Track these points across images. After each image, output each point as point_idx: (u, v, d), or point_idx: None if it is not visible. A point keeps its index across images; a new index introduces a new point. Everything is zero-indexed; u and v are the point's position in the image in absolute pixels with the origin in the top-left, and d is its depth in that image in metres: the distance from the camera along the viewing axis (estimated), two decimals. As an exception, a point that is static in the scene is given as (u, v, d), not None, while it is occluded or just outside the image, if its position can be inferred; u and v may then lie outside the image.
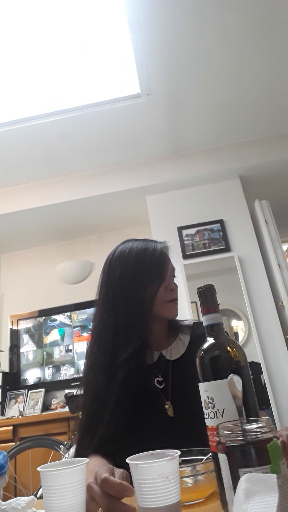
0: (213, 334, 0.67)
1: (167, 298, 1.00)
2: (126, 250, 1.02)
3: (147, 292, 0.96)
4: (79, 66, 2.17)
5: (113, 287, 0.98)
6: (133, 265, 0.98)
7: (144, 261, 0.98)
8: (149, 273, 0.97)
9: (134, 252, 1.00)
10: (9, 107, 2.39)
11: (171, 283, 1.02)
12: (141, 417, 0.90)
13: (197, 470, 0.69)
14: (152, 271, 0.98)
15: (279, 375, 2.53)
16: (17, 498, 0.68)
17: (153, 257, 0.99)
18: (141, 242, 1.03)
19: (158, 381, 0.98)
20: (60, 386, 3.22)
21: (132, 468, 0.54)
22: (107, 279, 1.01)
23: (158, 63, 2.22)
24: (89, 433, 0.88)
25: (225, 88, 2.49)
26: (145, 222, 3.16)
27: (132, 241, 1.04)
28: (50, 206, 3.11)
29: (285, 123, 2.88)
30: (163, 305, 0.99)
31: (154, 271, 0.98)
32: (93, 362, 0.96)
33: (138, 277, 0.97)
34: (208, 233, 2.94)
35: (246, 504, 0.41)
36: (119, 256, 1.01)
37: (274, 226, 2.85)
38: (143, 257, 0.99)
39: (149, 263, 0.98)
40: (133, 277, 0.97)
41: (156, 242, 1.04)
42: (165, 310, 1.00)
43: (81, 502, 0.55)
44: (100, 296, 1.01)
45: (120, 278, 0.98)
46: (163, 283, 0.99)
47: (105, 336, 0.95)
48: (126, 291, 0.96)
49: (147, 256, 0.99)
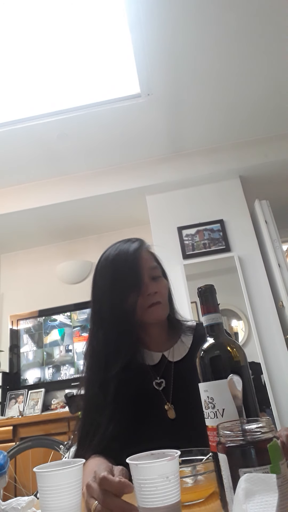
0: (213, 334, 0.67)
1: (146, 304, 0.96)
2: (103, 262, 1.00)
3: (127, 303, 0.94)
4: (79, 66, 2.17)
5: (98, 302, 0.99)
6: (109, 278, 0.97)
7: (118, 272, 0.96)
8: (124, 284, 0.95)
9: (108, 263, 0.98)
10: (9, 107, 2.39)
11: (149, 287, 0.96)
12: (141, 419, 0.90)
13: (197, 470, 0.69)
14: (126, 281, 0.95)
15: (279, 375, 2.53)
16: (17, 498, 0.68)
17: (125, 266, 0.96)
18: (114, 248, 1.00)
19: (157, 382, 0.97)
20: (60, 386, 3.22)
21: (132, 468, 0.54)
22: (92, 293, 1.01)
23: (158, 63, 2.22)
24: (89, 436, 0.88)
25: (225, 88, 2.49)
26: (145, 222, 3.16)
27: (111, 248, 1.02)
28: (50, 206, 3.11)
29: (285, 123, 2.88)
30: (145, 311, 0.96)
31: (129, 280, 0.95)
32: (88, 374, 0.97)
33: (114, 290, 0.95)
34: (208, 233, 2.94)
35: (246, 504, 0.41)
36: (99, 269, 1.01)
37: (274, 226, 2.85)
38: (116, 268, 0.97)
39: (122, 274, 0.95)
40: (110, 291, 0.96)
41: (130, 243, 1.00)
42: (147, 315, 0.96)
43: (78, 502, 0.55)
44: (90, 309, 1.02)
45: (101, 290, 0.98)
46: (141, 289, 0.95)
47: (97, 350, 0.95)
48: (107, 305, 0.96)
49: (119, 266, 0.96)
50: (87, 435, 0.89)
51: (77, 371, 3.28)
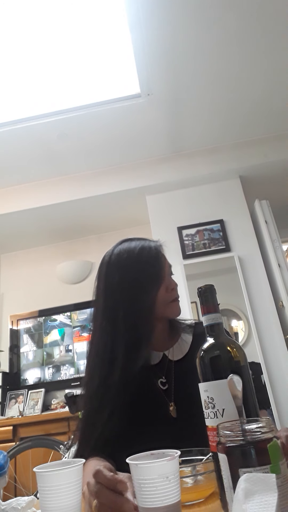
0: (213, 334, 0.67)
1: (169, 298, 0.98)
2: (123, 253, 0.97)
3: (148, 296, 0.94)
4: (79, 66, 2.17)
5: (112, 295, 0.95)
6: (132, 270, 0.95)
7: (142, 264, 0.95)
8: (148, 276, 0.94)
9: (131, 255, 0.96)
10: (9, 107, 2.38)
11: (171, 282, 1.00)
12: (144, 418, 0.89)
13: (197, 470, 0.69)
14: (151, 274, 0.95)
15: (279, 375, 2.53)
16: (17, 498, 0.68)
17: (150, 259, 0.96)
18: (137, 242, 0.99)
19: (161, 382, 0.97)
20: (60, 386, 3.22)
21: (132, 468, 0.54)
22: (105, 286, 0.97)
23: (158, 63, 2.22)
24: (90, 436, 0.87)
25: (225, 88, 2.48)
26: (145, 222, 3.16)
27: (128, 242, 1.00)
28: (50, 206, 3.11)
29: (285, 123, 2.88)
30: (167, 306, 0.97)
31: (153, 273, 0.95)
32: (93, 370, 0.93)
33: (138, 282, 0.94)
34: (208, 233, 2.94)
35: (246, 504, 0.41)
36: (116, 261, 0.97)
37: (274, 226, 2.85)
38: (140, 260, 0.95)
39: (147, 266, 0.95)
40: (132, 282, 0.93)
41: (150, 241, 1.01)
42: (169, 310, 0.98)
43: (77, 502, 0.55)
44: (98, 303, 0.98)
45: (119, 285, 0.94)
46: (163, 284, 0.96)
47: (106, 345, 0.92)
48: (126, 298, 0.93)
49: (144, 259, 0.96)
50: (88, 435, 0.88)
51: (77, 371, 3.28)
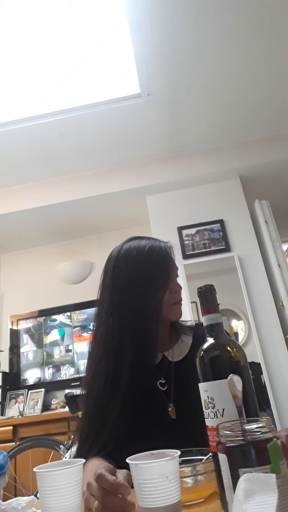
0: (213, 334, 0.67)
1: (172, 300, 0.98)
2: (132, 250, 0.96)
3: (156, 296, 0.93)
4: (79, 66, 2.17)
5: (120, 291, 0.93)
6: (141, 267, 0.93)
7: (151, 263, 0.94)
8: (157, 276, 0.94)
9: (141, 253, 0.95)
10: (9, 107, 2.39)
11: (176, 284, 1.00)
12: (144, 419, 0.89)
13: (197, 470, 0.69)
14: (159, 274, 0.94)
15: (279, 375, 2.53)
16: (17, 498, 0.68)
17: (159, 259, 0.95)
18: (146, 241, 0.98)
19: (161, 383, 0.97)
20: (60, 386, 3.22)
21: (132, 468, 0.54)
22: (112, 282, 0.95)
23: (158, 63, 2.22)
24: (90, 437, 0.87)
25: (225, 88, 2.48)
26: (145, 222, 3.16)
27: (138, 240, 0.99)
28: (50, 206, 3.11)
29: (285, 123, 2.88)
30: (168, 308, 0.97)
31: (162, 274, 0.95)
32: (96, 368, 0.92)
33: (147, 280, 0.93)
34: (208, 233, 2.94)
35: (246, 504, 0.41)
36: (125, 258, 0.95)
37: (274, 226, 2.85)
38: (149, 259, 0.94)
39: (156, 266, 0.94)
40: (141, 279, 0.92)
41: (160, 242, 1.00)
42: (171, 312, 0.98)
43: (77, 502, 0.55)
44: (104, 300, 0.96)
45: (128, 282, 0.93)
46: (169, 285, 0.96)
47: (110, 342, 0.91)
48: (134, 296, 0.92)
49: (155, 259, 0.94)
50: (88, 435, 0.88)
51: (77, 371, 3.28)
